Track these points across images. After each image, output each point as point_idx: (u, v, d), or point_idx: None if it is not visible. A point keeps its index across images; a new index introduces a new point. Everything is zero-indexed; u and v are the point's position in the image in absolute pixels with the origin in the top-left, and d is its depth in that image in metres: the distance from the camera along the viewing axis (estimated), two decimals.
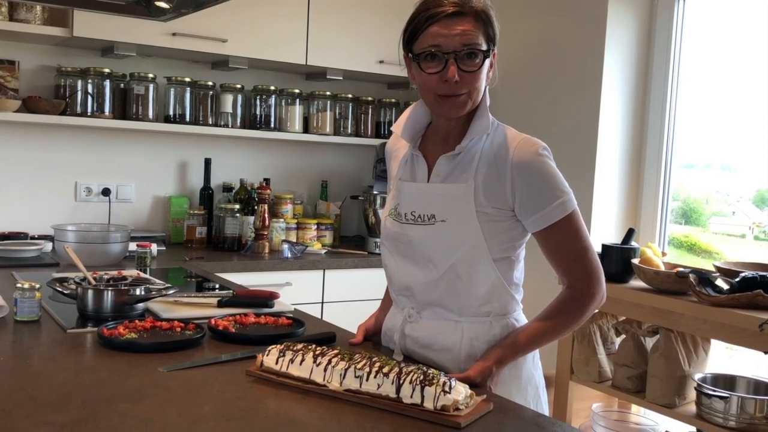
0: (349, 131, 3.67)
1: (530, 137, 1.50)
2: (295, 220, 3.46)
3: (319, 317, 2.34)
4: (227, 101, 3.35)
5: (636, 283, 2.54)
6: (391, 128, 1.65)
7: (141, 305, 1.84)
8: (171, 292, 1.91)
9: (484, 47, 1.46)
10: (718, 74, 3.13)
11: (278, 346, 1.40)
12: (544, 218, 1.46)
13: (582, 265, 1.49)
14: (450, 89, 1.46)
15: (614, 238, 3.18)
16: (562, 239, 1.48)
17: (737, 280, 2.22)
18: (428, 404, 1.21)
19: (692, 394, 2.31)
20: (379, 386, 1.25)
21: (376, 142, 3.63)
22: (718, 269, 2.40)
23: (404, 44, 1.52)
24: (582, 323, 1.54)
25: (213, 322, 1.70)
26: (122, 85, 3.18)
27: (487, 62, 1.48)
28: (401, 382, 1.24)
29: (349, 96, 3.65)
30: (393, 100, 3.78)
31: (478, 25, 1.46)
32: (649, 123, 3.30)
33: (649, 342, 2.47)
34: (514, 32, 3.62)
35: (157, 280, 2.18)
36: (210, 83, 3.33)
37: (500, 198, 1.48)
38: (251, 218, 3.25)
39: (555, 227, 1.47)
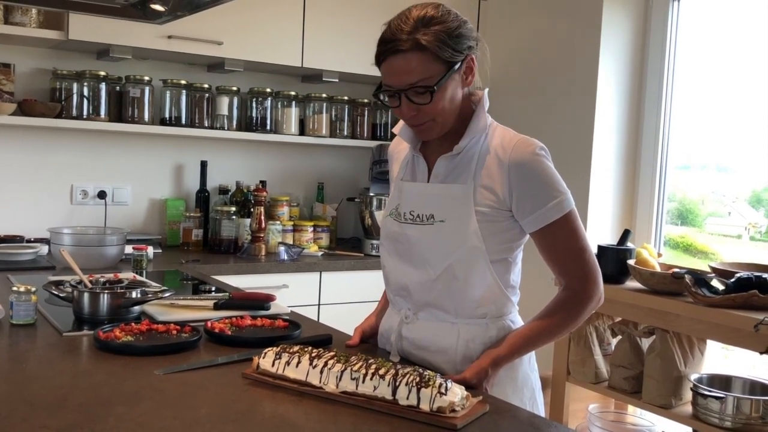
0: (345, 133, 3.67)
1: (528, 137, 1.51)
2: (292, 223, 3.46)
3: (316, 319, 2.34)
4: (223, 104, 3.35)
5: (632, 284, 2.54)
6: (393, 130, 1.67)
7: (137, 308, 1.84)
8: (167, 294, 1.91)
9: (434, 80, 1.42)
10: (713, 75, 3.14)
11: (274, 348, 1.40)
12: (541, 218, 1.47)
13: (579, 265, 1.49)
14: (411, 122, 1.50)
15: (610, 239, 3.19)
16: (559, 239, 1.48)
17: (732, 280, 2.23)
18: (424, 406, 1.21)
19: (688, 395, 2.31)
20: (375, 388, 1.26)
21: (373, 144, 3.63)
22: (714, 270, 2.41)
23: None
24: (579, 325, 1.54)
25: (209, 324, 1.69)
26: (118, 87, 3.18)
27: (453, 82, 1.46)
28: (397, 384, 1.24)
29: (345, 98, 3.65)
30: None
31: (424, 57, 1.41)
32: (645, 124, 3.31)
33: (645, 343, 2.48)
34: (509, 34, 3.63)
35: (154, 283, 2.17)
36: (206, 86, 3.33)
37: (498, 198, 1.48)
38: (247, 221, 3.25)
39: (552, 227, 1.47)
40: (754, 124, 2.93)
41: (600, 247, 2.59)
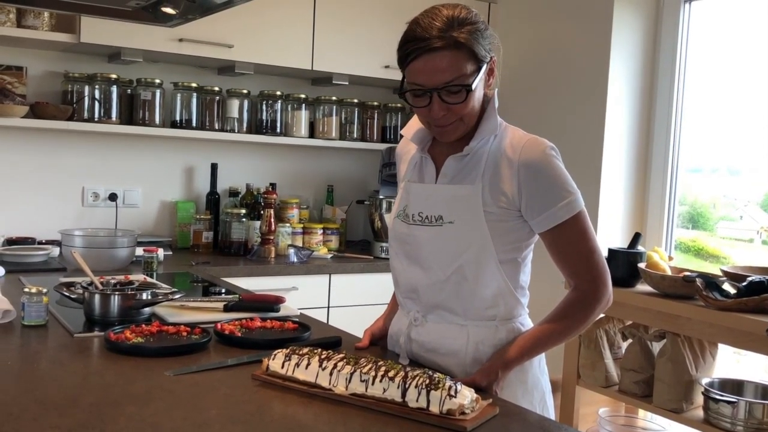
0: (355, 136, 3.67)
1: (538, 137, 1.50)
2: (301, 225, 3.46)
3: (325, 322, 2.34)
4: (233, 106, 3.36)
5: (642, 287, 2.53)
6: (401, 132, 1.66)
7: (147, 310, 1.85)
8: (177, 296, 1.92)
9: (468, 78, 1.43)
10: (724, 78, 3.12)
11: (284, 350, 1.40)
12: (550, 218, 1.46)
13: (588, 266, 1.48)
14: (439, 121, 1.47)
15: (620, 242, 3.17)
16: (569, 240, 1.48)
17: (744, 284, 2.21)
18: (434, 408, 1.21)
19: (700, 399, 2.30)
20: (384, 390, 1.25)
21: (382, 146, 3.63)
22: (725, 273, 2.39)
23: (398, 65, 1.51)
24: (588, 326, 1.54)
25: (219, 326, 1.70)
26: (129, 90, 3.20)
27: (479, 84, 1.47)
28: (407, 386, 1.24)
29: (355, 101, 3.66)
30: (398, 105, 3.78)
31: (460, 55, 1.41)
32: (656, 127, 3.30)
33: (656, 346, 2.46)
34: (519, 36, 3.62)
35: (164, 285, 2.18)
36: (216, 88, 3.34)
37: (507, 198, 1.47)
38: (257, 223, 3.26)
39: (561, 228, 1.46)
40: (766, 127, 2.91)
41: (610, 251, 2.58)
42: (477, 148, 1.52)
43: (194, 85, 3.28)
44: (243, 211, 3.29)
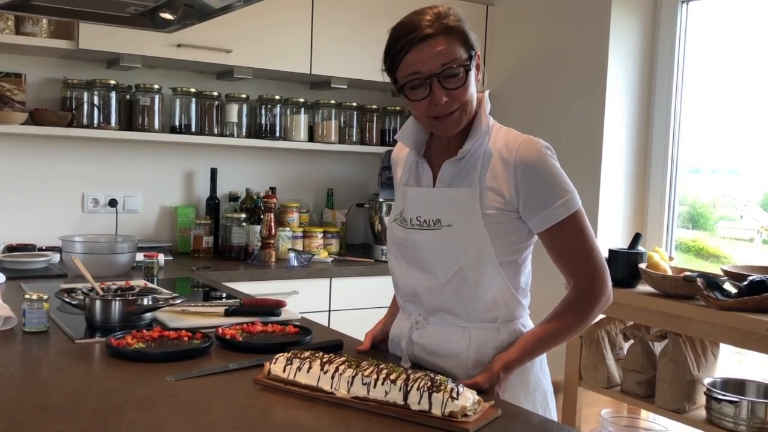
0: (354, 139, 3.67)
1: (533, 137, 1.50)
2: (301, 229, 3.46)
3: (326, 325, 2.34)
4: (232, 111, 3.36)
5: (643, 287, 2.53)
6: (396, 137, 1.66)
7: (148, 315, 1.85)
8: (178, 301, 1.92)
9: (464, 60, 1.44)
10: (722, 78, 3.13)
11: (285, 354, 1.40)
12: (548, 218, 1.46)
13: (587, 264, 1.48)
14: (441, 111, 1.47)
15: (621, 242, 3.17)
16: (567, 239, 1.48)
17: (745, 283, 2.21)
18: (436, 411, 1.21)
19: (702, 399, 2.29)
20: (386, 393, 1.25)
21: (381, 149, 3.64)
22: (726, 273, 2.39)
23: (387, 73, 1.51)
24: (588, 324, 1.53)
25: (220, 331, 1.70)
26: (128, 96, 3.20)
27: (472, 72, 1.47)
28: (409, 388, 1.24)
29: (354, 104, 3.66)
30: (397, 108, 3.78)
31: (452, 39, 1.43)
32: (654, 127, 3.30)
33: (658, 347, 2.46)
34: (517, 39, 3.63)
35: (165, 290, 2.18)
36: (215, 93, 3.34)
37: (505, 199, 1.48)
38: (257, 227, 3.26)
39: (559, 227, 1.46)
40: (765, 127, 2.91)
41: (611, 251, 2.58)
42: (472, 150, 1.52)
43: (193, 90, 3.29)
44: (243, 215, 3.29)
